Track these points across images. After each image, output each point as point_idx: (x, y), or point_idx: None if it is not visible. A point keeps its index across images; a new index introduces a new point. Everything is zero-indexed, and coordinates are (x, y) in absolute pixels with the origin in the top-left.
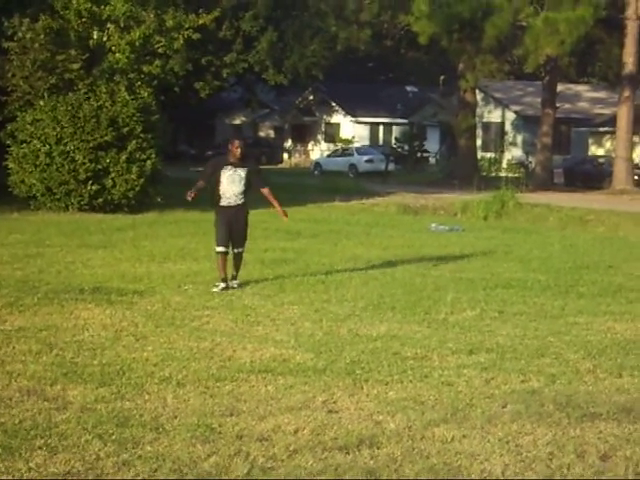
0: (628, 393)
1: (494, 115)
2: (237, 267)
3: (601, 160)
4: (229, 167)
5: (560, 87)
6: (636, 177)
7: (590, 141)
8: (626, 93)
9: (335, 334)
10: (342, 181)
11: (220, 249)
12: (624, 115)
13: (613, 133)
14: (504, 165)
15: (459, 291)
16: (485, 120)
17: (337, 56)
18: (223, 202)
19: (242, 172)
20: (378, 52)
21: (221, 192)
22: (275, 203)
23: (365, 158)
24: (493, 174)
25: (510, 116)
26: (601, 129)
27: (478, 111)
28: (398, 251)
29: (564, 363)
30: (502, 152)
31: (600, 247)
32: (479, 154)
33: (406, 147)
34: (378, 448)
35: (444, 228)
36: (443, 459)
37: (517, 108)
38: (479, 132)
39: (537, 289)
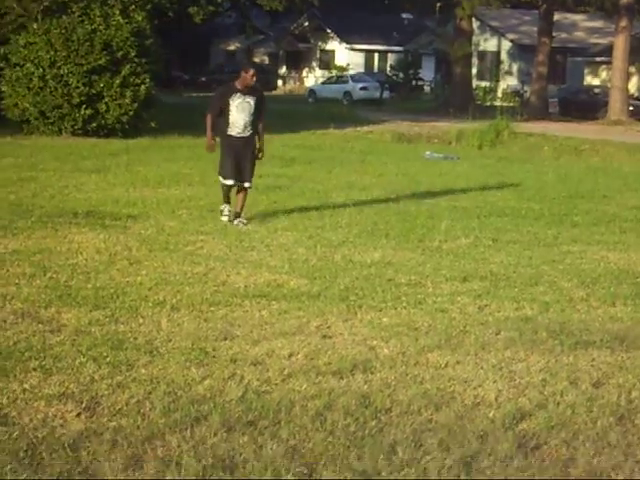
0: (621, 321)
1: (490, 44)
2: (242, 204)
3: (596, 90)
4: (238, 95)
5: (557, 16)
6: (631, 108)
7: (586, 71)
8: (623, 23)
9: (329, 260)
10: (336, 108)
11: (228, 182)
12: (620, 45)
13: (609, 63)
14: (499, 94)
15: (453, 219)
16: (481, 49)
17: None
18: (232, 132)
19: (252, 100)
20: None
21: (230, 121)
22: (261, 138)
23: (360, 86)
24: (488, 103)
25: (506, 45)
26: (597, 59)
27: (474, 39)
28: (392, 179)
29: (558, 291)
30: (497, 81)
31: (594, 177)
32: (474, 83)
33: (401, 75)
34: (372, 373)
35: (439, 156)
36: (437, 384)
37: (513, 37)
38: (475, 61)
39: (531, 218)
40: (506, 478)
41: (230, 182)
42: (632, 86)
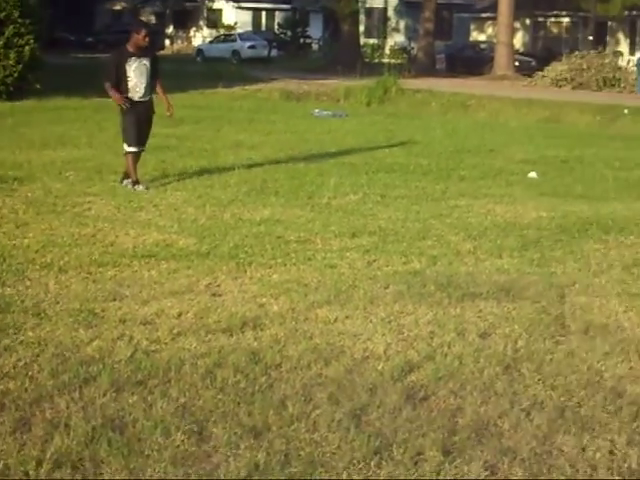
0: (507, 273)
1: (377, 1)
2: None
3: (482, 46)
4: (133, 58)
5: None
6: (517, 63)
7: (472, 27)
8: None
9: (218, 219)
10: (225, 67)
11: (133, 149)
12: (505, 1)
13: (494, 19)
14: (387, 51)
15: (342, 176)
16: (368, 5)
17: None
18: (134, 96)
19: (147, 62)
20: None
21: (130, 86)
22: (164, 97)
23: (248, 44)
24: (376, 60)
25: (393, 1)
26: (483, 15)
27: None
28: (281, 137)
29: (445, 245)
30: (385, 38)
31: (481, 132)
32: (362, 40)
33: (289, 33)
34: (261, 330)
35: (327, 113)
36: (326, 339)
37: None
38: (362, 18)
39: (419, 173)
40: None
41: (135, 149)
42: (517, 41)
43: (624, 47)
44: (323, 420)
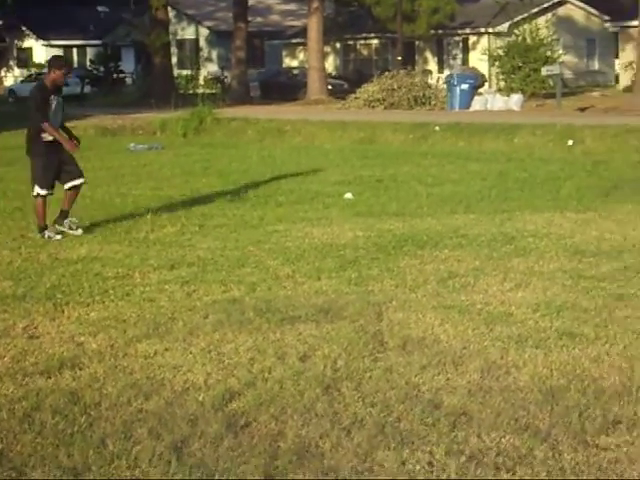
0: (326, 295)
1: (188, 32)
2: (73, 202)
3: (295, 71)
4: (53, 96)
5: (251, 1)
6: (330, 86)
7: (284, 53)
8: (315, 4)
9: (34, 260)
10: None
11: (45, 192)
12: (314, 26)
13: (305, 44)
14: (201, 81)
15: (159, 208)
16: (179, 37)
17: None
18: (51, 137)
19: (61, 100)
20: None
21: None
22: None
23: None
24: (191, 91)
25: (204, 32)
26: (293, 41)
27: (171, 28)
28: (97, 173)
29: (264, 270)
30: (198, 69)
31: (297, 156)
32: (175, 72)
33: (101, 69)
34: (80, 369)
35: (143, 147)
36: (146, 373)
37: (210, 24)
38: (174, 50)
39: (237, 201)
40: None
41: (47, 192)
42: (329, 65)
43: (432, 65)
44: (144, 455)
